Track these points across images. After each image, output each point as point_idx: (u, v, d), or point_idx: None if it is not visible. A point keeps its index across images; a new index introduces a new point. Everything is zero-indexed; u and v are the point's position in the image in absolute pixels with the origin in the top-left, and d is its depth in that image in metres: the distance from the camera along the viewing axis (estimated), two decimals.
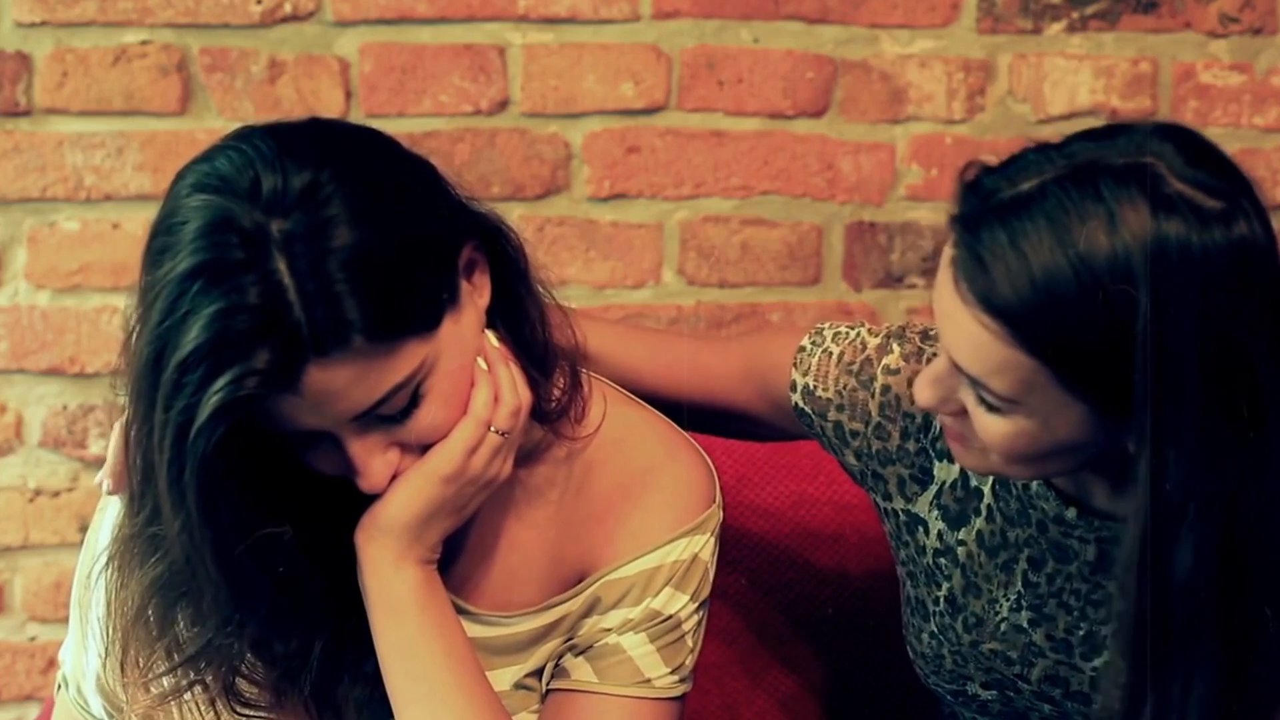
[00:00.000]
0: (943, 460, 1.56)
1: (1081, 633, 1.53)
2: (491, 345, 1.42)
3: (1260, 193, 1.33)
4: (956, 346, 1.34)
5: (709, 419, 1.67)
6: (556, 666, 1.52)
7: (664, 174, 2.32)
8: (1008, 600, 1.56)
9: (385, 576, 1.41)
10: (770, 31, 2.32)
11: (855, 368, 1.58)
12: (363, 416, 1.33)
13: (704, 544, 1.51)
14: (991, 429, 1.36)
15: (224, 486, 1.29)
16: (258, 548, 1.34)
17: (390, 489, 1.39)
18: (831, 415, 1.59)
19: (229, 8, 2.24)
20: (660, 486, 1.51)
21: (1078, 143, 1.34)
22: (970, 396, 1.37)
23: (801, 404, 1.60)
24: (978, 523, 1.56)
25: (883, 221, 2.36)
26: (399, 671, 1.41)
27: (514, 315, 1.44)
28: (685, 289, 2.35)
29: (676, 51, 2.30)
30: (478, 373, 1.40)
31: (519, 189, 2.31)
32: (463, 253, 1.38)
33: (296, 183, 1.28)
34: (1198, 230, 1.28)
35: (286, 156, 1.29)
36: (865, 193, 2.36)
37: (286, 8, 2.25)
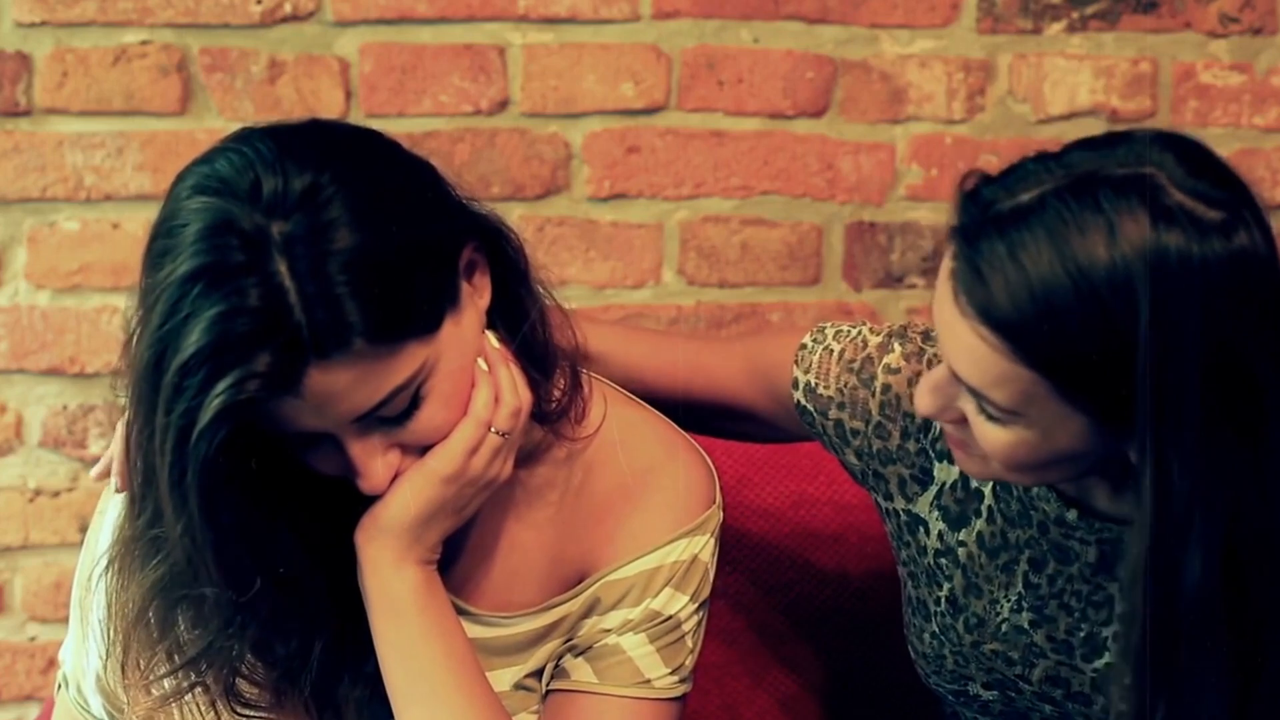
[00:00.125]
0: (943, 461, 1.56)
1: (1082, 634, 1.53)
2: (492, 346, 1.42)
3: (1262, 202, 1.33)
4: (956, 358, 1.34)
5: (713, 420, 1.67)
6: (556, 667, 1.52)
7: (664, 174, 2.32)
8: (1009, 601, 1.55)
9: (385, 577, 1.41)
10: (770, 31, 2.32)
11: (856, 365, 1.58)
12: (363, 418, 1.33)
13: (704, 544, 1.51)
14: (992, 438, 1.36)
15: (225, 489, 1.29)
16: (259, 549, 1.34)
17: (390, 489, 1.39)
18: (833, 413, 1.59)
19: (229, 8, 2.24)
20: (660, 487, 1.51)
21: (1077, 152, 1.33)
22: (970, 405, 1.37)
23: (803, 401, 1.60)
24: (978, 524, 1.56)
25: (883, 221, 2.36)
26: (399, 672, 1.41)
27: (514, 316, 1.44)
28: (685, 289, 2.35)
29: (676, 51, 2.30)
30: (478, 373, 1.40)
31: (519, 189, 2.31)
32: (463, 254, 1.38)
33: (297, 185, 1.28)
34: (1198, 241, 1.27)
35: (287, 158, 1.29)
36: (865, 193, 2.35)
37: (286, 8, 2.25)
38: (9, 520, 2.31)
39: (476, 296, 1.40)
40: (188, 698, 1.41)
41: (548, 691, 1.53)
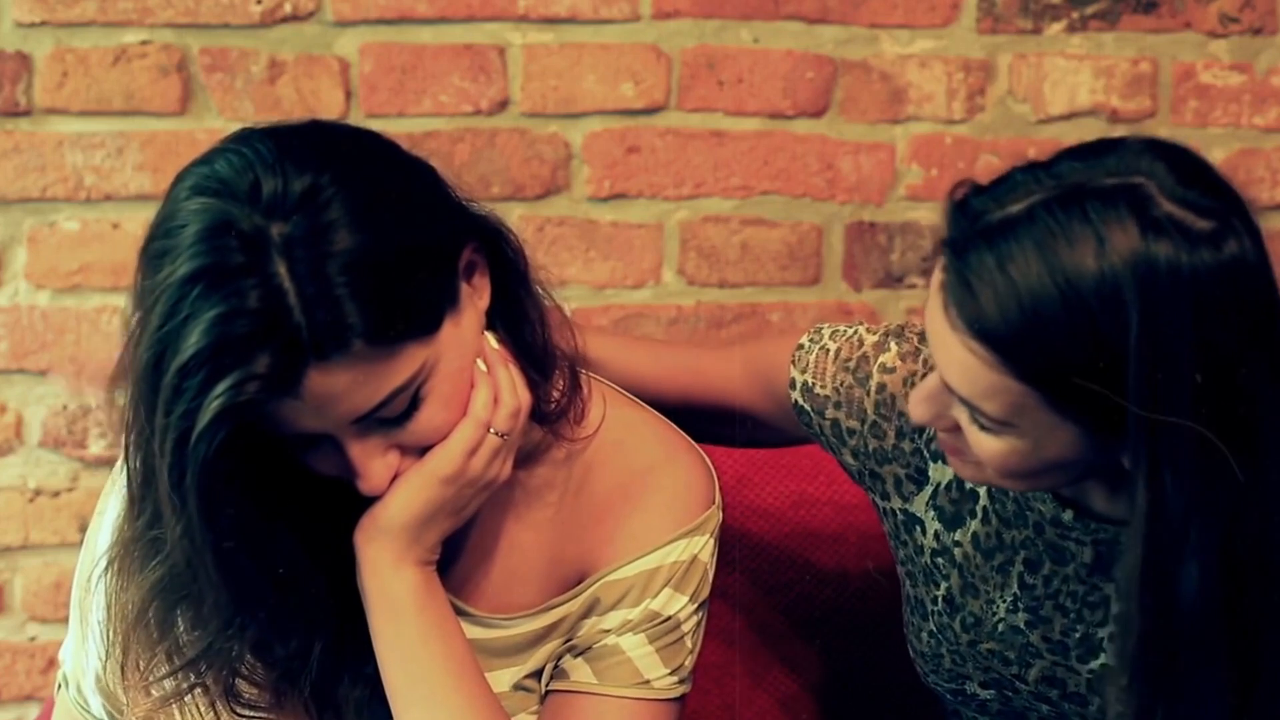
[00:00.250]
0: (937, 461, 1.56)
1: (1078, 635, 1.53)
2: (491, 347, 1.42)
3: (1254, 209, 1.32)
4: (947, 370, 1.34)
5: (713, 426, 1.67)
6: (556, 668, 1.52)
7: (664, 174, 2.32)
8: (1005, 601, 1.56)
9: (384, 578, 1.41)
10: (770, 31, 2.31)
11: (852, 365, 1.58)
12: (363, 419, 1.33)
13: (703, 545, 1.51)
14: (985, 447, 1.36)
15: (224, 490, 1.29)
16: (258, 551, 1.34)
17: (390, 490, 1.39)
18: (829, 413, 1.59)
19: (229, 8, 2.23)
20: (660, 487, 1.51)
21: (1066, 162, 1.32)
22: (963, 415, 1.36)
23: (800, 401, 1.60)
24: (973, 524, 1.56)
25: (883, 221, 2.36)
26: (398, 673, 1.41)
27: (513, 317, 1.44)
28: (685, 289, 2.35)
29: (676, 51, 2.30)
30: (477, 374, 1.40)
31: (519, 189, 2.31)
32: (462, 255, 1.38)
33: (297, 186, 1.28)
34: (1187, 252, 1.26)
35: (286, 159, 1.29)
36: (865, 193, 2.35)
37: (286, 8, 2.25)
38: (9, 520, 2.31)
39: (476, 297, 1.40)
40: (187, 698, 1.41)
41: (547, 692, 1.53)
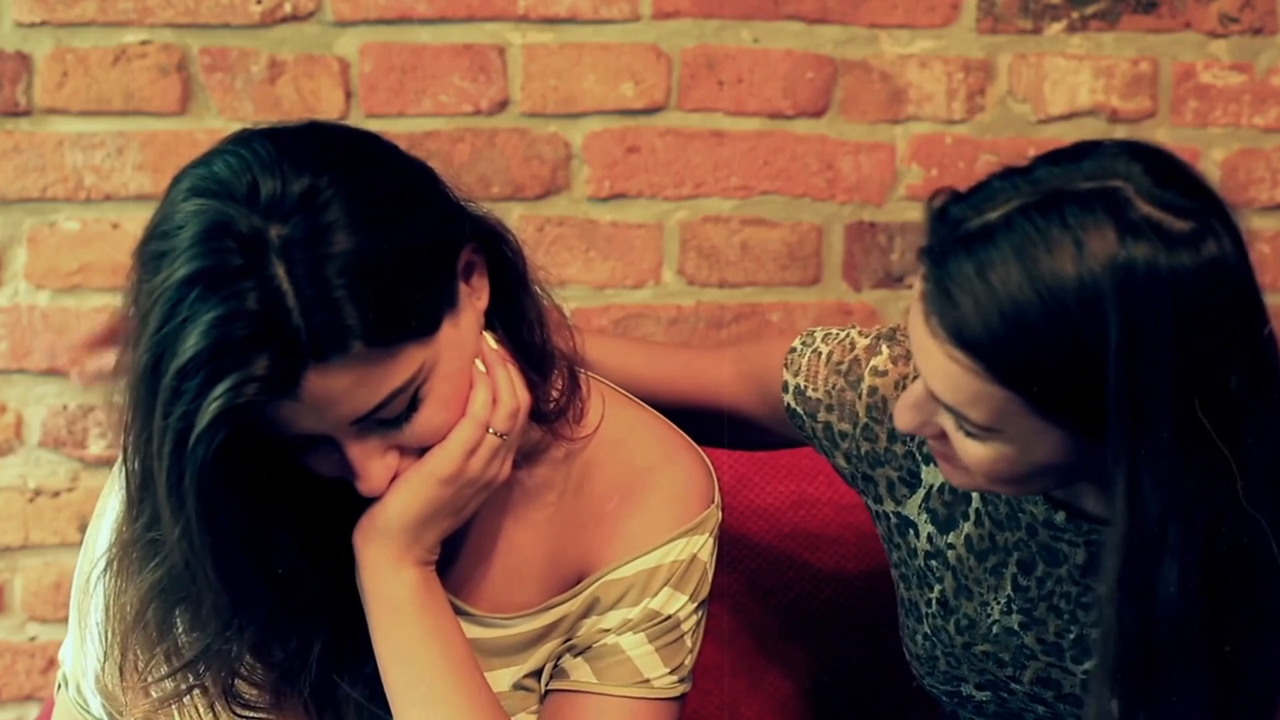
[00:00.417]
0: (930, 464, 1.56)
1: (1072, 636, 1.53)
2: (490, 347, 1.42)
3: (1233, 211, 1.31)
4: (931, 378, 1.34)
5: (708, 428, 1.67)
6: (555, 667, 1.53)
7: (664, 174, 2.32)
8: (998, 603, 1.55)
9: (384, 578, 1.41)
10: (770, 31, 2.31)
11: (844, 368, 1.58)
12: (362, 420, 1.33)
13: (703, 544, 1.51)
14: (972, 453, 1.36)
15: (223, 492, 1.29)
16: (257, 552, 1.34)
17: (389, 490, 1.39)
18: (821, 415, 1.59)
19: (229, 8, 2.23)
20: (659, 487, 1.51)
21: (1044, 167, 1.31)
22: (949, 422, 1.36)
23: (793, 404, 1.60)
24: (966, 527, 1.55)
25: (883, 221, 2.36)
26: (397, 673, 1.41)
27: (512, 317, 1.44)
28: (685, 289, 2.35)
29: (676, 51, 2.30)
30: (476, 375, 1.40)
31: (519, 189, 2.30)
32: (461, 256, 1.38)
33: (295, 187, 1.28)
34: (1165, 253, 1.26)
35: (285, 161, 1.29)
36: (865, 193, 2.35)
37: (286, 8, 2.25)
38: (9, 520, 2.31)
39: (475, 298, 1.40)
40: (186, 699, 1.41)
41: (547, 691, 1.53)
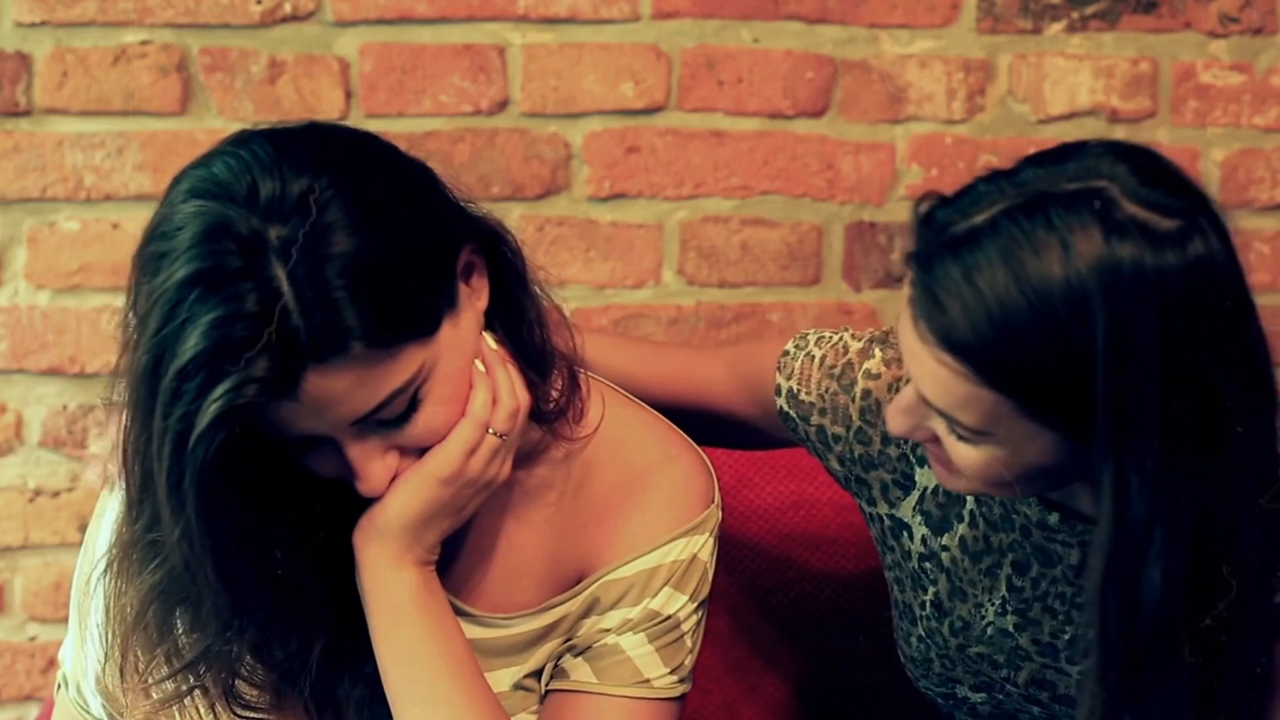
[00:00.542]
0: (924, 466, 1.56)
1: (1067, 637, 1.53)
2: (489, 347, 1.42)
3: (1221, 209, 1.31)
4: (921, 382, 1.33)
5: (702, 428, 1.67)
6: (555, 667, 1.53)
7: (664, 174, 2.32)
8: (993, 605, 1.55)
9: (384, 578, 1.41)
10: (770, 31, 2.31)
11: (837, 371, 1.58)
12: (362, 421, 1.33)
13: (703, 544, 1.51)
14: (965, 456, 1.36)
15: (223, 493, 1.29)
16: (256, 553, 1.34)
17: (389, 491, 1.39)
18: (814, 419, 1.59)
19: (229, 8, 2.24)
20: (659, 486, 1.51)
21: (1029, 169, 1.31)
22: (941, 426, 1.36)
23: (786, 408, 1.60)
24: (961, 528, 1.55)
25: (883, 221, 2.36)
26: (397, 673, 1.41)
27: (512, 317, 1.44)
28: (685, 289, 2.35)
29: (676, 51, 2.30)
30: (476, 375, 1.40)
31: (519, 189, 2.31)
32: (461, 256, 1.38)
33: (294, 188, 1.28)
34: (1152, 252, 1.26)
35: (284, 162, 1.29)
36: (865, 193, 2.35)
37: (286, 8, 2.25)
38: (9, 520, 2.31)
39: (474, 298, 1.40)
40: (187, 700, 1.41)
41: (547, 691, 1.53)
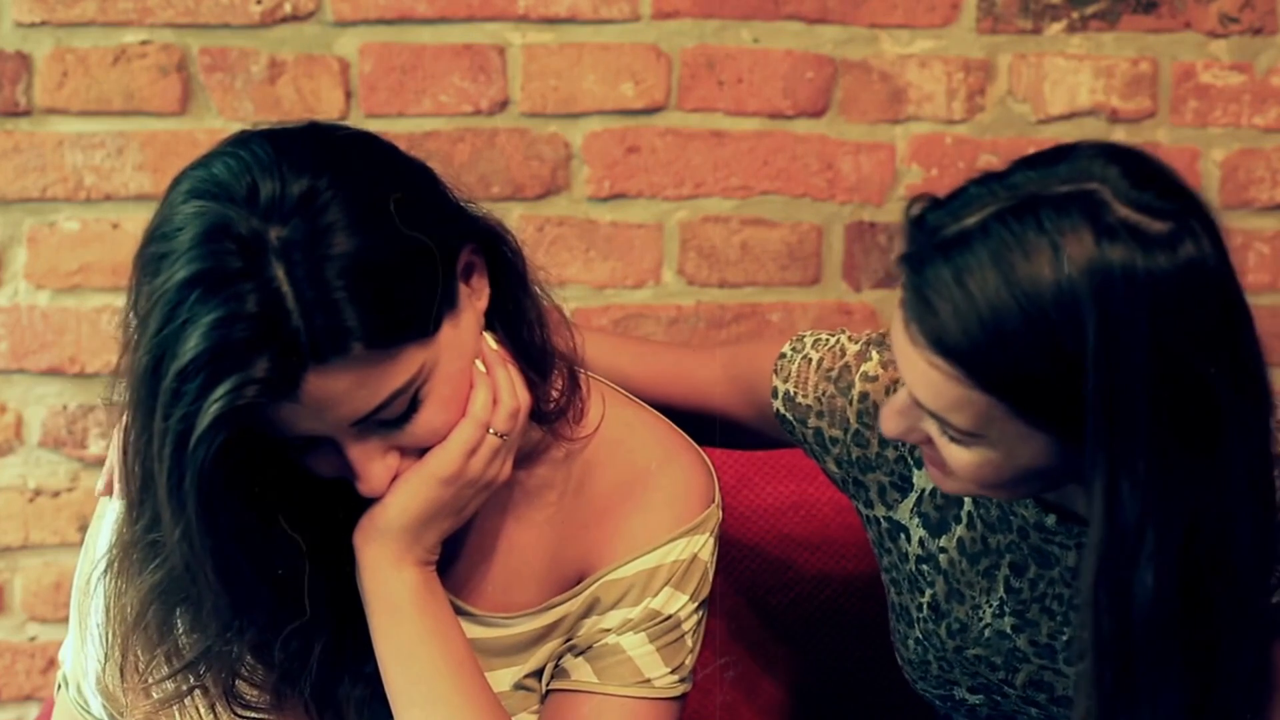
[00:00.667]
0: (921, 468, 1.56)
1: (1065, 638, 1.53)
2: (490, 348, 1.42)
3: (1213, 211, 1.31)
4: (914, 385, 1.33)
5: (698, 428, 1.67)
6: (556, 667, 1.53)
7: (664, 174, 2.32)
8: (991, 606, 1.55)
9: (384, 578, 1.41)
10: (770, 31, 2.31)
11: (834, 374, 1.58)
12: (362, 422, 1.33)
13: (703, 544, 1.51)
14: (958, 458, 1.36)
15: (223, 493, 1.29)
16: (257, 553, 1.34)
17: (389, 491, 1.39)
18: (812, 422, 1.59)
19: (229, 8, 2.24)
20: (659, 486, 1.51)
21: (1020, 171, 1.31)
22: (934, 428, 1.36)
23: (783, 410, 1.60)
24: (958, 530, 1.55)
25: (883, 221, 2.36)
26: (398, 673, 1.41)
27: (512, 317, 1.44)
28: (685, 289, 2.35)
29: (676, 51, 2.30)
30: (476, 375, 1.40)
31: (519, 189, 2.31)
32: (461, 256, 1.38)
33: (294, 189, 1.28)
34: (1142, 255, 1.25)
35: (284, 162, 1.29)
36: (865, 193, 2.35)
37: (286, 8, 2.25)
38: (9, 520, 2.31)
39: (475, 299, 1.40)
40: (187, 700, 1.41)
41: (547, 691, 1.53)
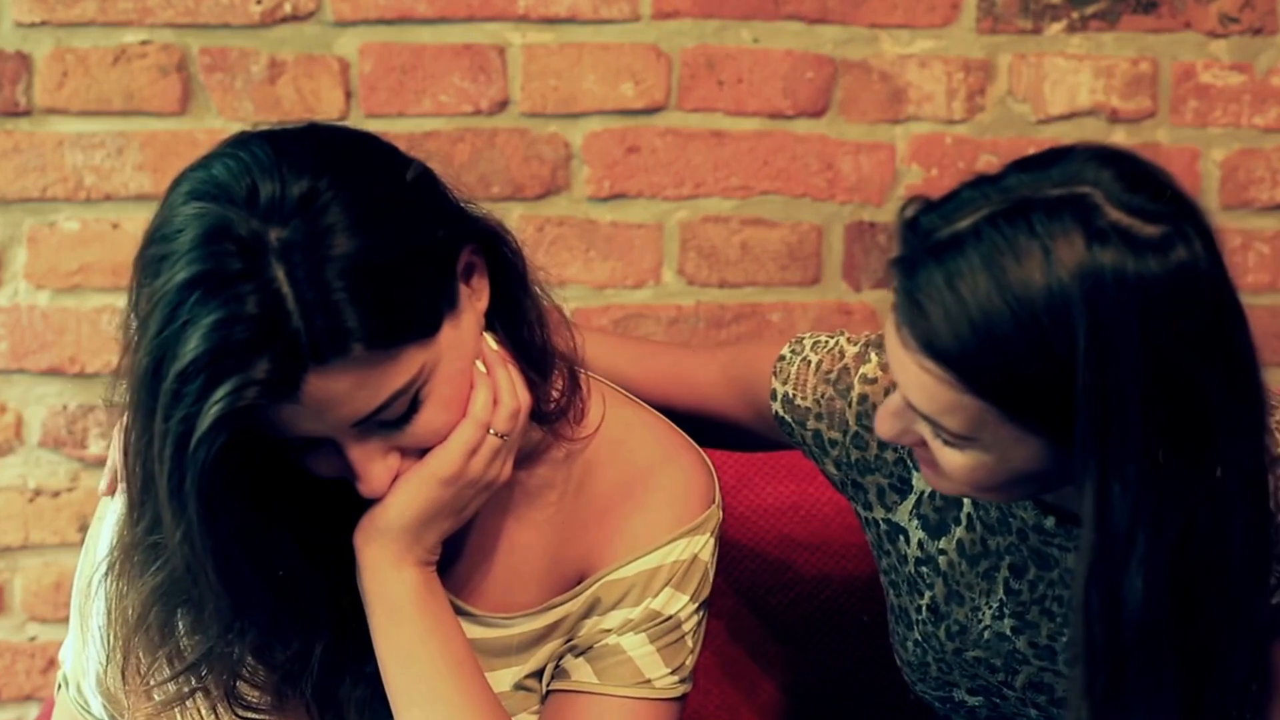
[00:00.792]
0: (920, 470, 1.56)
1: (1064, 640, 1.53)
2: (490, 348, 1.42)
3: (1207, 215, 1.30)
4: (906, 388, 1.33)
5: (695, 429, 1.66)
6: (556, 667, 1.53)
7: (664, 174, 2.32)
8: (990, 608, 1.55)
9: (384, 578, 1.41)
10: (770, 31, 2.32)
11: (833, 376, 1.58)
12: (362, 422, 1.33)
13: (704, 544, 1.51)
14: (951, 461, 1.35)
15: (224, 495, 1.29)
16: (258, 554, 1.34)
17: (390, 491, 1.39)
18: (811, 424, 1.59)
19: (229, 8, 2.24)
20: (660, 486, 1.51)
21: (1014, 174, 1.31)
22: (928, 430, 1.36)
23: (781, 413, 1.60)
24: (958, 531, 1.55)
25: (883, 221, 2.36)
26: (398, 674, 1.41)
27: (512, 318, 1.44)
28: (685, 289, 2.35)
29: (676, 51, 2.30)
30: (476, 375, 1.40)
31: (519, 189, 2.31)
32: (461, 257, 1.38)
33: (294, 190, 1.28)
34: (1133, 259, 1.25)
35: (284, 163, 1.29)
36: (865, 193, 2.35)
37: (286, 8, 2.25)
38: (9, 520, 2.31)
39: (475, 299, 1.40)
40: (189, 702, 1.41)
41: (548, 692, 1.53)
